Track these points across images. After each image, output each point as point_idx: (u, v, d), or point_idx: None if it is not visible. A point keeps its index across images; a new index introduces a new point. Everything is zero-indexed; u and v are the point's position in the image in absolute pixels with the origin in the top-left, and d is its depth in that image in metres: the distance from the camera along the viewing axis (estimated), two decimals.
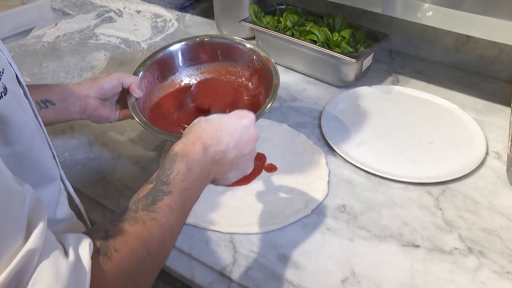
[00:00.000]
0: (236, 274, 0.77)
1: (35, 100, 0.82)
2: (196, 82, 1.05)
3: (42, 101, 0.83)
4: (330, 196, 0.91)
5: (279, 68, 1.31)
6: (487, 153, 1.01)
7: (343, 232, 0.84)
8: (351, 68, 1.20)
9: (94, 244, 0.49)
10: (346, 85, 1.24)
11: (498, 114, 1.14)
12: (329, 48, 1.21)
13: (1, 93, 0.49)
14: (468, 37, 1.25)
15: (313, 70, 1.27)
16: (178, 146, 0.64)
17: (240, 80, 1.06)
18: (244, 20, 1.35)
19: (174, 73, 1.06)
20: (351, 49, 1.21)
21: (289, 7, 1.39)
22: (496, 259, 0.79)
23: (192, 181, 0.62)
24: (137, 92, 0.93)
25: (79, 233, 0.51)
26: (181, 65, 1.07)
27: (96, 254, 0.49)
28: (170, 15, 1.67)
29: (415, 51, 1.38)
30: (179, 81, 1.07)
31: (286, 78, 1.29)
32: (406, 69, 1.32)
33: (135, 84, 0.93)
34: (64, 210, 0.67)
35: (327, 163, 0.98)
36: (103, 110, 0.92)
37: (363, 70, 1.24)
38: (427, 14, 1.03)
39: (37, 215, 0.45)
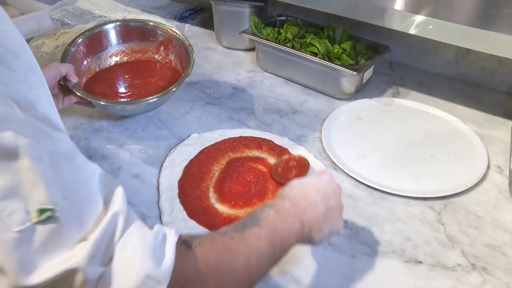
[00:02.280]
0: None
1: None
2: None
3: None
4: None
5: (279, 80, 1.32)
6: (488, 167, 1.01)
7: (345, 248, 0.83)
8: (352, 80, 1.19)
9: (180, 237, 0.52)
10: (346, 97, 1.24)
11: (499, 127, 1.14)
12: (330, 60, 1.20)
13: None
14: (468, 49, 1.25)
15: (313, 82, 1.27)
16: (269, 202, 0.68)
17: (147, 55, 1.25)
18: (244, 31, 1.34)
19: (90, 58, 1.21)
20: (351, 61, 1.21)
21: (290, 18, 1.39)
22: (500, 276, 0.79)
23: (282, 224, 0.64)
24: (74, 77, 1.03)
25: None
26: (104, 46, 1.23)
27: (180, 243, 0.51)
28: (169, 25, 1.66)
29: (416, 63, 1.38)
30: (94, 66, 1.22)
31: (287, 90, 1.28)
32: (406, 81, 1.32)
33: (71, 70, 1.03)
34: None
35: None
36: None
37: (363, 82, 1.24)
38: (427, 27, 1.02)
39: (109, 185, 0.49)
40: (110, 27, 1.22)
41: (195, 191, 0.93)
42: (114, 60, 1.24)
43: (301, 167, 0.97)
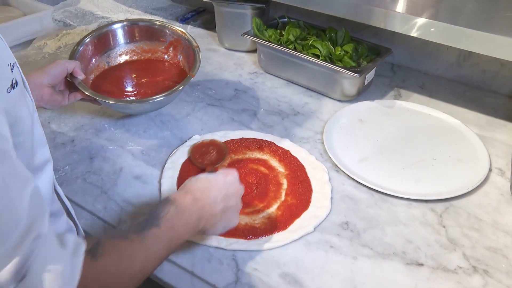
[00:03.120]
0: None
1: None
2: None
3: None
4: (333, 213, 0.91)
5: (281, 82, 1.33)
6: (490, 170, 1.01)
7: (346, 250, 0.83)
8: (353, 82, 1.19)
9: (87, 245, 0.57)
10: (348, 99, 1.24)
11: (500, 129, 1.14)
12: (332, 62, 1.20)
13: (13, 85, 0.55)
14: (470, 52, 1.25)
15: (315, 84, 1.27)
16: (172, 195, 0.73)
17: (156, 55, 1.25)
18: (246, 33, 1.35)
19: (99, 57, 1.21)
20: (353, 64, 1.21)
21: (292, 20, 1.39)
22: (501, 279, 0.79)
23: (180, 222, 0.70)
24: (81, 74, 1.04)
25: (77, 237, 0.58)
26: (112, 45, 1.24)
27: (86, 253, 0.55)
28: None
29: (417, 65, 1.38)
30: (103, 64, 1.22)
31: (288, 92, 1.28)
32: (408, 83, 1.32)
33: (78, 67, 1.04)
34: (56, 205, 0.73)
35: (329, 179, 0.98)
36: (56, 95, 1.01)
37: (365, 84, 1.24)
38: (429, 30, 1.02)
39: (39, 202, 0.52)
40: (119, 26, 1.23)
41: None
42: (124, 58, 1.24)
43: (219, 154, 1.02)
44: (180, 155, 1.03)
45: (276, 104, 1.23)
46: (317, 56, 1.22)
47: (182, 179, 0.97)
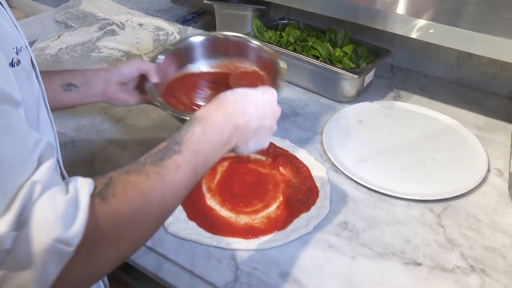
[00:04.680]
0: None
1: (60, 83, 0.90)
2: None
3: (66, 84, 0.90)
4: (332, 213, 0.91)
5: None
6: (488, 170, 1.02)
7: (345, 250, 0.84)
8: (353, 83, 1.20)
9: (96, 187, 0.52)
10: (347, 100, 1.24)
11: (499, 130, 1.14)
12: (331, 63, 1.21)
13: (15, 63, 0.53)
14: (470, 53, 1.26)
15: (315, 85, 1.28)
16: (200, 112, 0.67)
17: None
18: (246, 34, 1.35)
19: (187, 65, 1.11)
20: (353, 65, 1.21)
21: (291, 22, 1.40)
22: (499, 278, 0.79)
23: (206, 143, 0.63)
24: (154, 77, 0.97)
25: (85, 178, 0.53)
26: (195, 57, 1.12)
27: (94, 196, 0.50)
28: (172, 28, 1.68)
29: (417, 67, 1.39)
30: (191, 72, 1.11)
31: (288, 93, 1.29)
32: (407, 85, 1.33)
33: (152, 70, 0.97)
34: None
35: (328, 179, 0.98)
36: (122, 93, 0.97)
37: (364, 85, 1.24)
38: (429, 31, 1.03)
39: (47, 155, 0.49)
40: (201, 39, 1.12)
41: (196, 192, 0.94)
42: (205, 69, 1.13)
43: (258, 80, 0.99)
44: None
45: None
46: (317, 58, 1.23)
47: None
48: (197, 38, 1.12)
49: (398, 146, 1.08)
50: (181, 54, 1.10)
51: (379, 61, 1.24)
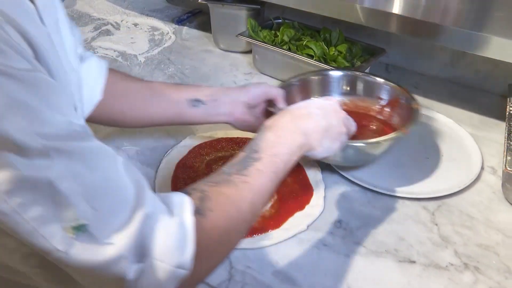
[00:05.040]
0: None
1: (187, 98, 0.90)
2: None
3: (194, 100, 0.90)
4: (326, 212, 0.91)
5: (276, 82, 1.33)
6: (482, 168, 1.02)
7: (340, 248, 0.84)
8: None
9: (193, 203, 0.54)
10: None
11: (493, 128, 1.15)
12: (326, 62, 1.21)
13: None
14: (464, 52, 1.26)
15: None
16: (268, 121, 0.71)
17: (369, 114, 1.10)
18: (241, 34, 1.35)
19: (310, 97, 1.09)
20: (347, 64, 1.22)
21: (286, 21, 1.40)
22: (492, 275, 0.79)
23: (282, 146, 0.67)
24: (282, 103, 0.95)
25: (180, 192, 0.55)
26: (320, 92, 1.11)
27: (195, 214, 0.53)
28: (167, 28, 1.68)
29: (412, 66, 1.39)
30: None
31: None
32: (402, 83, 1.31)
33: (281, 96, 0.96)
34: None
35: (323, 178, 0.98)
36: (249, 116, 0.95)
37: None
38: (424, 30, 1.03)
39: (138, 177, 0.50)
40: (339, 74, 1.13)
41: None
42: None
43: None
44: (175, 155, 1.04)
45: None
46: (311, 57, 1.23)
47: (176, 179, 0.97)
48: (335, 73, 1.13)
49: None
50: (307, 85, 1.10)
51: (374, 60, 1.25)
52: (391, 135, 0.94)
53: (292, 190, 0.95)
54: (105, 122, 0.94)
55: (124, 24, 1.71)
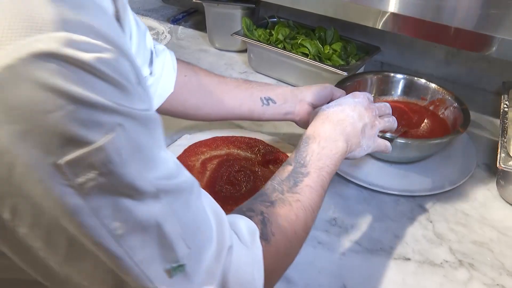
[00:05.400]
0: None
1: (260, 96, 0.94)
2: None
3: (266, 98, 0.94)
4: (321, 210, 0.89)
5: (271, 81, 1.33)
6: (477, 165, 1.02)
7: (335, 246, 0.84)
8: None
9: (258, 229, 0.55)
10: None
11: (488, 126, 1.16)
12: (321, 61, 1.21)
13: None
14: (458, 50, 1.27)
15: (304, 83, 1.27)
16: (310, 129, 0.73)
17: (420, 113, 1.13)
18: (236, 33, 1.35)
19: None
20: (342, 62, 1.22)
21: (281, 20, 1.40)
22: (486, 272, 0.80)
23: (326, 158, 0.69)
24: None
25: (242, 216, 0.56)
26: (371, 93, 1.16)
27: (262, 241, 0.54)
28: (162, 27, 1.68)
29: (406, 64, 1.39)
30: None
31: None
32: None
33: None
34: None
35: None
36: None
37: None
38: (418, 28, 1.04)
39: (216, 208, 0.51)
40: (399, 77, 1.16)
41: None
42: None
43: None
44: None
45: None
46: (306, 55, 1.23)
47: None
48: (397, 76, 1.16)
49: None
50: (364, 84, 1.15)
51: (369, 58, 1.25)
52: (451, 134, 0.98)
53: None
54: (174, 114, 0.94)
55: None
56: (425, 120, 1.11)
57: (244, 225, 0.54)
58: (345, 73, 1.15)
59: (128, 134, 0.37)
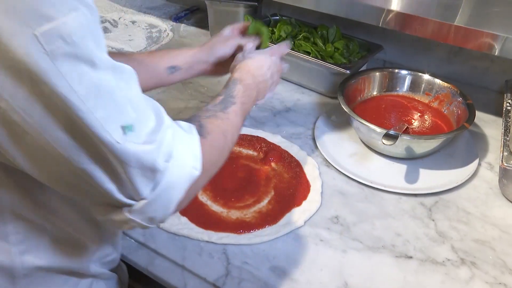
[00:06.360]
0: (229, 285, 0.77)
1: (165, 66, 1.00)
2: None
3: (172, 67, 1.00)
4: (323, 207, 0.91)
5: None
6: (479, 164, 1.02)
7: (336, 244, 0.84)
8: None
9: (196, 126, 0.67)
10: None
11: (490, 124, 1.15)
12: (323, 59, 1.21)
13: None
14: (461, 48, 1.26)
15: (307, 81, 1.28)
16: (237, 74, 0.86)
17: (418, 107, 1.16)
18: None
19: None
20: (344, 60, 1.22)
21: (283, 18, 1.40)
22: (488, 270, 0.80)
23: (247, 97, 0.83)
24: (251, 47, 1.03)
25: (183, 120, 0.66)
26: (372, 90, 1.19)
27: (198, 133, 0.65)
28: (165, 25, 1.68)
29: (409, 62, 1.39)
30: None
31: (280, 89, 1.29)
32: None
33: (250, 45, 1.00)
34: None
35: (320, 174, 0.98)
36: (219, 68, 1.04)
37: None
38: (420, 26, 1.03)
39: (153, 102, 0.59)
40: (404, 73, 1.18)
41: None
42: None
43: None
44: None
45: (268, 101, 1.23)
46: (308, 53, 1.23)
47: None
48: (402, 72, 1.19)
49: None
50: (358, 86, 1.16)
51: (371, 56, 1.25)
52: (457, 130, 0.99)
53: (289, 186, 0.95)
54: None
55: (121, 21, 1.71)
56: (428, 117, 1.11)
57: (183, 122, 0.64)
58: (347, 71, 1.15)
59: (84, 16, 0.48)
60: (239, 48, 1.00)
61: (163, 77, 1.00)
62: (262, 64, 0.90)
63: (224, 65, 1.02)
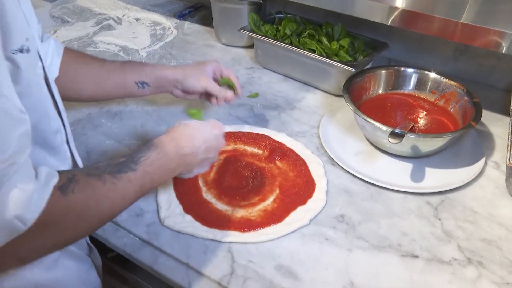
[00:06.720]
0: (234, 284, 0.77)
1: (134, 80, 1.00)
2: None
3: (140, 82, 1.00)
4: (329, 206, 0.91)
5: (278, 76, 1.33)
6: (486, 163, 1.01)
7: (342, 242, 0.84)
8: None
9: (60, 180, 0.59)
10: None
11: (496, 123, 1.14)
12: (328, 57, 1.21)
13: (22, 50, 0.60)
14: (467, 46, 1.26)
15: (311, 79, 1.27)
16: (158, 139, 0.78)
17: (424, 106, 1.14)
18: (243, 28, 1.35)
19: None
20: (349, 58, 1.21)
21: (288, 15, 1.39)
22: (495, 270, 0.79)
23: (157, 168, 0.74)
24: (215, 104, 1.07)
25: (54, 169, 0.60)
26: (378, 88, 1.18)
27: (56, 188, 0.58)
28: (169, 23, 1.67)
29: (414, 60, 1.38)
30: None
31: (285, 87, 1.29)
32: None
33: (220, 95, 1.04)
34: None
35: (325, 173, 0.98)
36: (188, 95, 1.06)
37: None
38: (426, 24, 1.03)
39: (27, 143, 0.56)
40: (410, 71, 1.17)
41: (192, 186, 0.93)
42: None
43: None
44: None
45: (273, 99, 1.23)
46: (313, 51, 1.22)
47: None
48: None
49: None
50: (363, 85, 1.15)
51: (377, 54, 1.24)
52: (463, 128, 0.97)
53: (294, 184, 0.94)
54: (64, 98, 0.95)
55: (125, 19, 1.70)
56: (434, 115, 1.10)
57: (46, 170, 0.58)
58: (352, 69, 1.14)
59: None
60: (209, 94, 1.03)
61: (132, 90, 1.01)
62: (196, 136, 0.81)
63: (193, 94, 1.05)
